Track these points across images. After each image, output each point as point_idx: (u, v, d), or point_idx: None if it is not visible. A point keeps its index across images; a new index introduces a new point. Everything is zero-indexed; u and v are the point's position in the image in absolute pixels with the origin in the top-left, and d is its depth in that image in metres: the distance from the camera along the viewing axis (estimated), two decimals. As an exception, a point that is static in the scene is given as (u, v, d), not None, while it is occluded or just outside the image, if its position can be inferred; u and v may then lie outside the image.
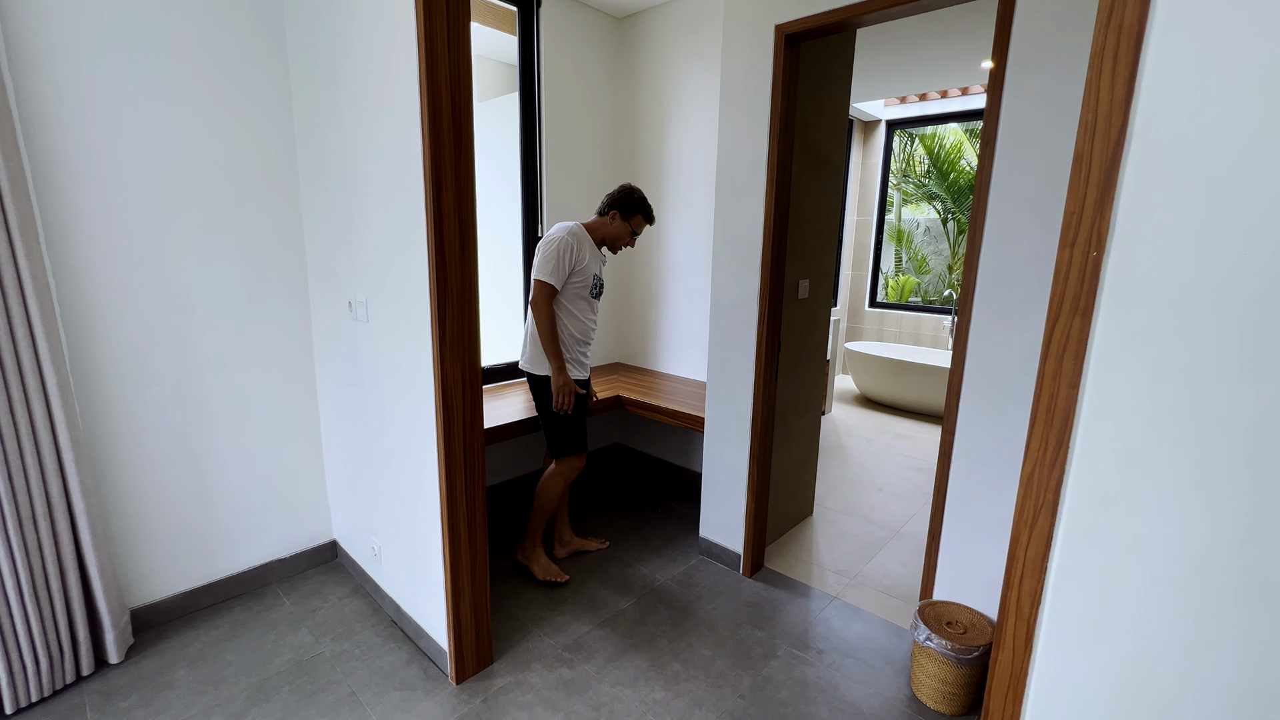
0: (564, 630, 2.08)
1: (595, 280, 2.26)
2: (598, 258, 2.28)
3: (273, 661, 1.89)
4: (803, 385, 2.67)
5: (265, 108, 2.06)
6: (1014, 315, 1.69)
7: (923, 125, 5.62)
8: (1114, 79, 0.64)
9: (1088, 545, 0.70)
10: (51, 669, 1.72)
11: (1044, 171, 1.60)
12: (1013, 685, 0.79)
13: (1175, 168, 0.61)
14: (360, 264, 1.91)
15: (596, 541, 2.62)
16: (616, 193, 2.28)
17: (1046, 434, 0.72)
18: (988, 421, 1.78)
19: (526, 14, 2.71)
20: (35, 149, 1.67)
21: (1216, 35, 0.58)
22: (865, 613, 2.22)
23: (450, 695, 1.78)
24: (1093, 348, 0.68)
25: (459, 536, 1.72)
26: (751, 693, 1.81)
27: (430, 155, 1.49)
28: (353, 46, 1.75)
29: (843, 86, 2.56)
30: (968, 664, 1.69)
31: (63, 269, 1.75)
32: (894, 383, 4.82)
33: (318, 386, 2.33)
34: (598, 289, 2.29)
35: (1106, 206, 0.65)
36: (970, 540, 1.86)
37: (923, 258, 6.17)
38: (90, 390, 1.83)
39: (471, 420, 1.69)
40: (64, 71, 1.69)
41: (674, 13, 2.88)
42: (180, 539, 2.07)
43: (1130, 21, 0.62)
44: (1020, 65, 1.60)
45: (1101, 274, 0.66)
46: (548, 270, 2.14)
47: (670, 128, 3.02)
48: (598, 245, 2.29)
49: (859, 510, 3.06)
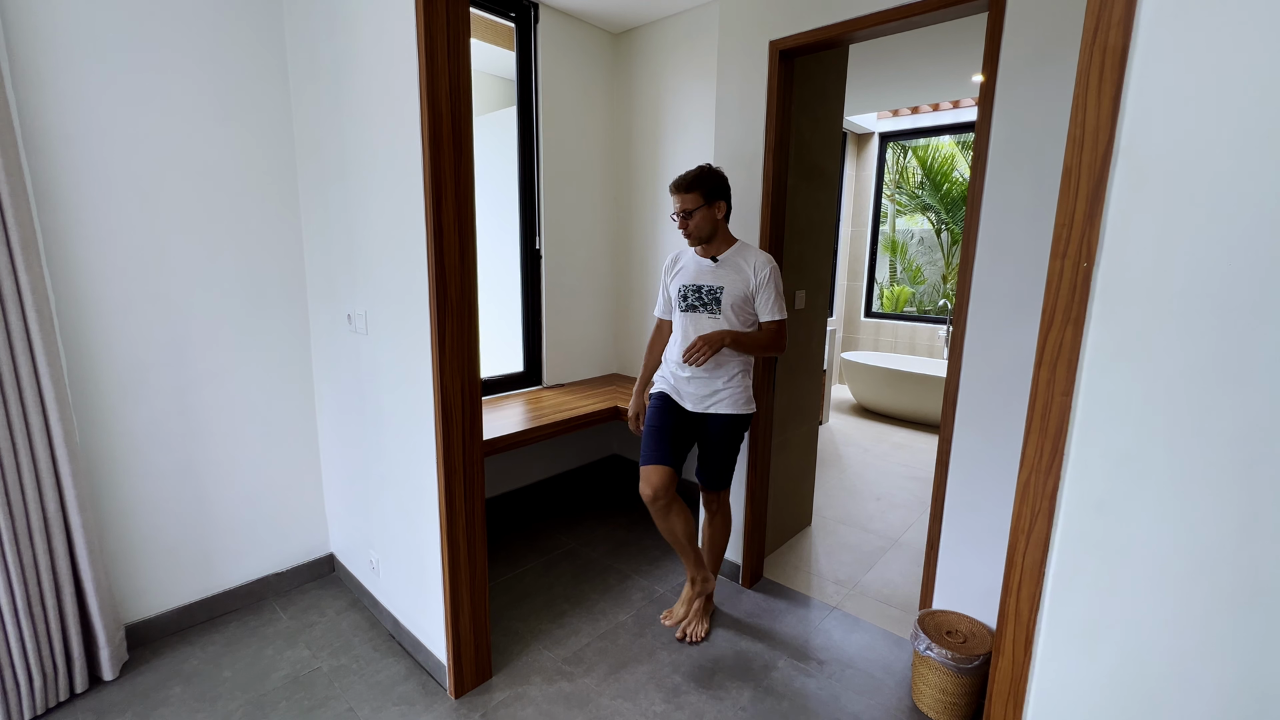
0: (563, 643, 2.06)
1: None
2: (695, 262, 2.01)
3: (269, 677, 1.88)
4: (800, 395, 2.68)
5: (266, 122, 2.08)
6: (1008, 324, 1.71)
7: (915, 137, 5.70)
8: (1100, 96, 0.66)
9: (1084, 550, 0.71)
10: (45, 686, 1.70)
11: (1034, 183, 1.63)
12: (1013, 691, 0.80)
13: (1161, 181, 0.63)
14: (360, 276, 1.92)
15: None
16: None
17: (1041, 441, 0.73)
18: (984, 430, 1.79)
19: (524, 29, 2.75)
20: (37, 163, 1.68)
21: (1199, 53, 0.60)
22: (865, 623, 2.21)
23: (449, 709, 1.76)
24: (1085, 356, 0.69)
25: (458, 549, 1.71)
26: (752, 705, 1.80)
27: (430, 168, 1.51)
28: (354, 61, 1.78)
29: (836, 100, 2.60)
30: (968, 673, 1.69)
31: (62, 282, 1.75)
32: (890, 392, 4.84)
33: (316, 398, 2.33)
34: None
35: (1095, 219, 0.67)
36: (969, 549, 1.87)
37: (917, 268, 6.22)
38: (88, 403, 1.83)
39: (471, 432, 1.69)
40: (66, 86, 1.70)
41: (670, 28, 2.93)
42: (176, 553, 2.06)
43: (1115, 41, 0.64)
44: (1010, 80, 1.64)
45: (1092, 284, 0.68)
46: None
47: (666, 142, 3.05)
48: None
49: (857, 520, 3.06)
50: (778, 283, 1.92)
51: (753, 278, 1.90)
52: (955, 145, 5.77)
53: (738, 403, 1.97)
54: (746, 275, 1.91)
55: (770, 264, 1.91)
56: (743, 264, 1.92)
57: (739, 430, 2.01)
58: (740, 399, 1.98)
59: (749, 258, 1.93)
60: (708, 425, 2.00)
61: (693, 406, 1.99)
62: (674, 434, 1.97)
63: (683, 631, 2.09)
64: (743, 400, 1.98)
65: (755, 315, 1.95)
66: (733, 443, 2.02)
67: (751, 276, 1.90)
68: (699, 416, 2.00)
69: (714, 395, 1.96)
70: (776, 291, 1.91)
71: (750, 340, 1.91)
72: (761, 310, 1.92)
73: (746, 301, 1.92)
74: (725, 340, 1.84)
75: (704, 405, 1.98)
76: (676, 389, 2.01)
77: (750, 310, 1.94)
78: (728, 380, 1.96)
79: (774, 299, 1.91)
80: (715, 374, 1.95)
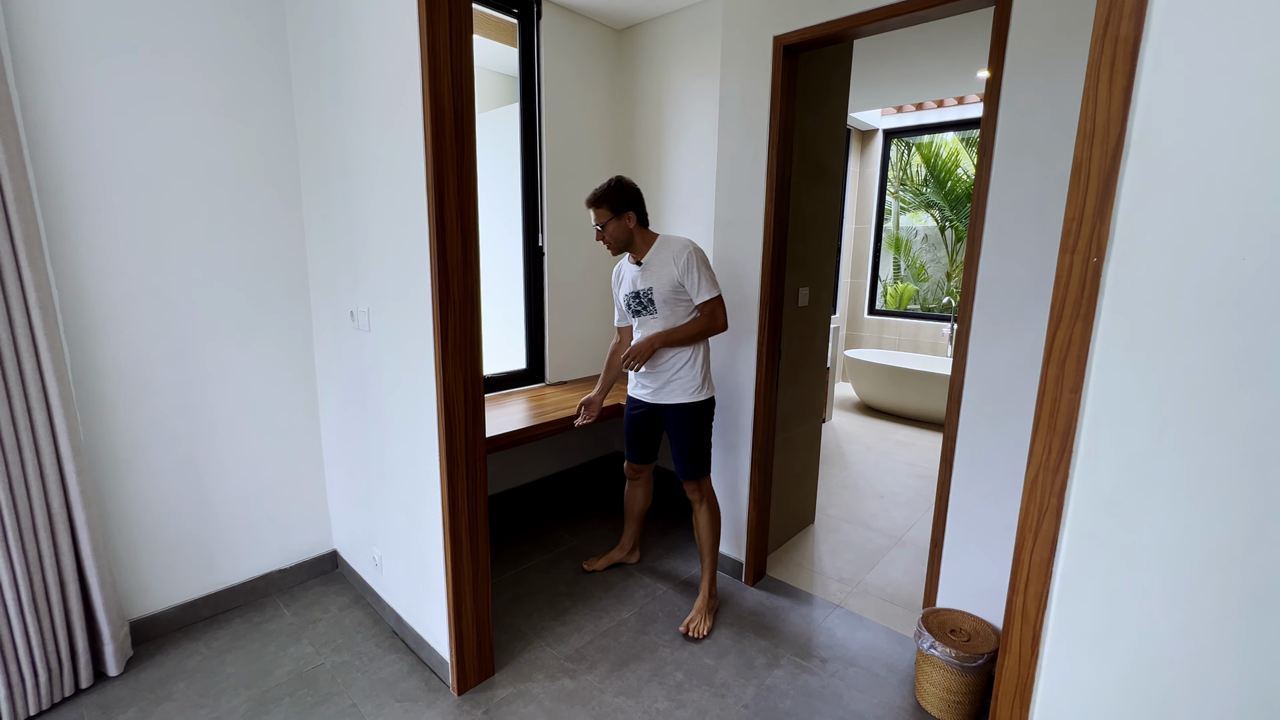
0: (566, 640, 2.06)
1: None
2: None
3: (273, 673, 1.88)
4: (804, 393, 2.68)
5: (268, 119, 2.08)
6: (1013, 321, 1.70)
7: (919, 134, 5.67)
8: (1111, 88, 0.65)
9: (1092, 549, 0.70)
10: (50, 682, 1.70)
11: (1041, 179, 1.61)
12: (1019, 691, 0.79)
13: (1173, 175, 0.62)
14: (362, 273, 1.92)
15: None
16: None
17: (1050, 439, 0.73)
18: (989, 427, 1.78)
19: (527, 26, 2.74)
20: (40, 160, 1.68)
21: (1212, 45, 0.59)
22: (868, 621, 2.21)
23: (452, 706, 1.76)
24: (1094, 353, 0.68)
25: (461, 545, 1.71)
26: (755, 702, 1.80)
27: (433, 165, 1.50)
28: (356, 58, 1.77)
29: (840, 96, 2.59)
30: (972, 672, 1.69)
31: (66, 279, 1.75)
32: (894, 390, 4.83)
33: (319, 395, 2.33)
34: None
35: (1106, 213, 0.66)
36: (973, 547, 1.86)
37: (921, 265, 6.19)
38: (91, 400, 1.83)
39: (473, 428, 1.69)
40: (70, 83, 1.70)
41: (673, 24, 2.91)
42: (180, 549, 2.06)
43: (1126, 33, 0.63)
44: (1016, 75, 1.62)
45: (1102, 280, 0.67)
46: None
47: (670, 138, 3.04)
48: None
49: (860, 518, 3.05)
50: (700, 263, 2.00)
51: (675, 268, 2.00)
52: (959, 142, 5.74)
53: (689, 390, 2.09)
54: (670, 268, 2.00)
55: (688, 249, 1.99)
56: (665, 259, 2.02)
57: (699, 418, 2.12)
58: (690, 386, 2.09)
59: (669, 249, 2.02)
60: (668, 416, 2.14)
61: (652, 399, 2.16)
62: (642, 433, 2.27)
63: (686, 626, 2.11)
64: (693, 388, 2.09)
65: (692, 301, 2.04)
66: (695, 430, 2.12)
67: (674, 267, 2.00)
68: (662, 409, 2.15)
69: (666, 387, 2.11)
70: (701, 272, 1.99)
71: (683, 332, 2.03)
72: (693, 294, 2.01)
73: (678, 291, 2.02)
74: (655, 344, 2.02)
75: (660, 397, 2.13)
76: (640, 384, 2.19)
77: (686, 297, 2.03)
78: (675, 373, 2.09)
79: (700, 280, 1.99)
80: (661, 370, 2.10)
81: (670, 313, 2.04)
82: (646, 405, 2.19)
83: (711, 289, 2.00)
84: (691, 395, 2.08)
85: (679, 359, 2.07)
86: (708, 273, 2.00)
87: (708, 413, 2.14)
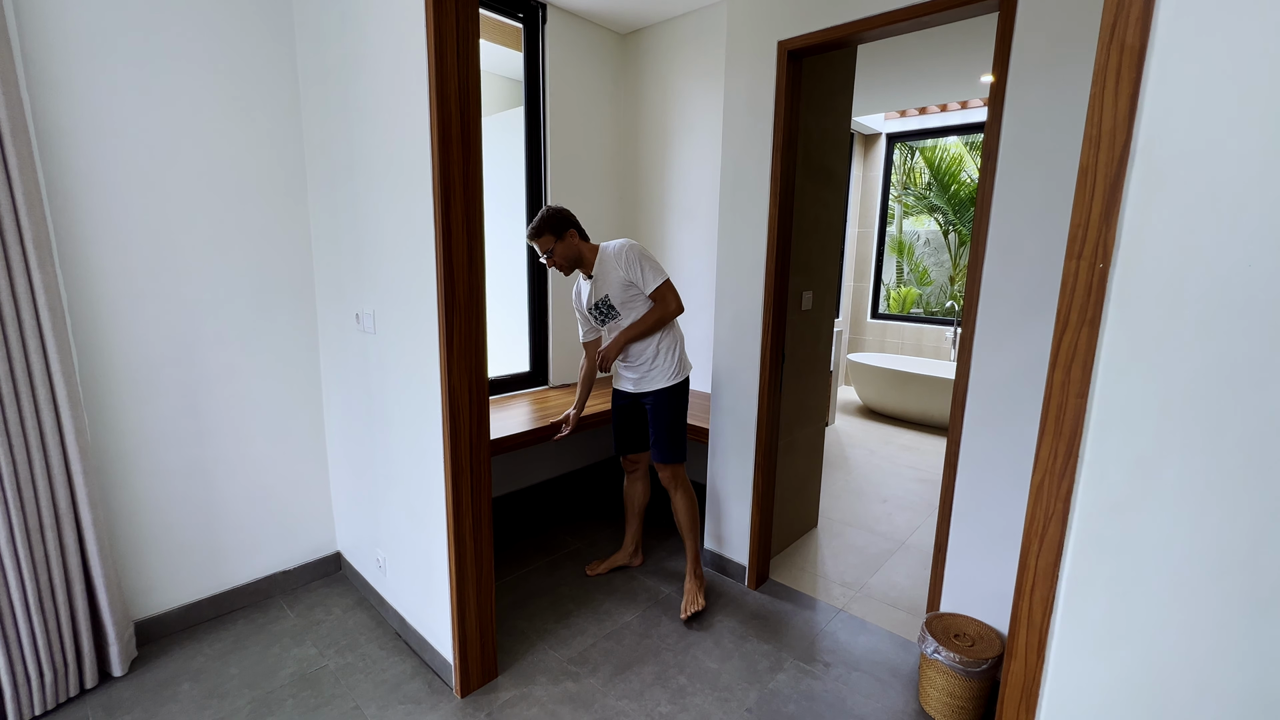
0: (569, 643, 2.06)
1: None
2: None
3: (277, 675, 1.88)
4: (807, 396, 2.68)
5: (275, 122, 2.09)
6: (1017, 326, 1.70)
7: (923, 138, 5.67)
8: (1117, 95, 0.65)
9: (1098, 553, 0.70)
10: (55, 681, 1.71)
11: (1045, 184, 1.61)
12: (1025, 696, 0.79)
13: (1179, 180, 0.62)
14: (368, 276, 1.93)
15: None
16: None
17: (1056, 443, 0.73)
18: (993, 432, 1.78)
19: (532, 30, 2.75)
20: (50, 163, 1.69)
21: (1219, 51, 0.59)
22: (871, 625, 2.20)
23: (455, 709, 1.76)
24: (1100, 357, 0.68)
25: (465, 548, 1.72)
26: (758, 706, 1.80)
27: (439, 168, 1.51)
28: (363, 61, 1.78)
29: (844, 100, 2.59)
30: (976, 677, 1.68)
31: (74, 280, 1.76)
32: (897, 394, 4.82)
33: (324, 397, 2.34)
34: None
35: (1112, 219, 0.66)
36: (977, 552, 1.86)
37: (924, 269, 6.19)
38: (99, 401, 1.84)
39: (478, 431, 1.70)
40: (79, 88, 1.72)
41: (678, 29, 2.92)
42: (185, 550, 2.07)
43: (1132, 40, 0.64)
44: (1020, 80, 1.62)
45: (1108, 285, 0.67)
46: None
47: (674, 142, 3.05)
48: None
49: (864, 522, 3.05)
50: (641, 256, 2.11)
51: (620, 269, 2.11)
52: (963, 146, 5.74)
53: (668, 374, 2.22)
54: (616, 270, 2.12)
55: (626, 247, 2.12)
56: (610, 264, 2.13)
57: (675, 400, 2.23)
58: (669, 371, 2.22)
59: (611, 254, 2.13)
60: (649, 401, 2.25)
61: (635, 389, 2.26)
62: (629, 422, 2.37)
63: (684, 612, 2.21)
64: (672, 372, 2.22)
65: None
66: (671, 413, 2.23)
67: (619, 268, 2.11)
68: (644, 396, 2.26)
69: (647, 376, 2.23)
70: (643, 263, 2.11)
71: (642, 325, 2.14)
72: (642, 286, 2.12)
73: (629, 288, 2.13)
74: (619, 344, 2.16)
75: (644, 386, 2.25)
76: (624, 378, 2.29)
77: (638, 292, 2.14)
78: (652, 362, 2.21)
79: (644, 272, 2.11)
80: (638, 363, 2.22)
81: (631, 311, 2.17)
82: (632, 396, 2.30)
83: (656, 276, 2.11)
84: (671, 379, 2.22)
85: (649, 349, 2.20)
86: (650, 263, 2.12)
87: (682, 394, 2.25)
